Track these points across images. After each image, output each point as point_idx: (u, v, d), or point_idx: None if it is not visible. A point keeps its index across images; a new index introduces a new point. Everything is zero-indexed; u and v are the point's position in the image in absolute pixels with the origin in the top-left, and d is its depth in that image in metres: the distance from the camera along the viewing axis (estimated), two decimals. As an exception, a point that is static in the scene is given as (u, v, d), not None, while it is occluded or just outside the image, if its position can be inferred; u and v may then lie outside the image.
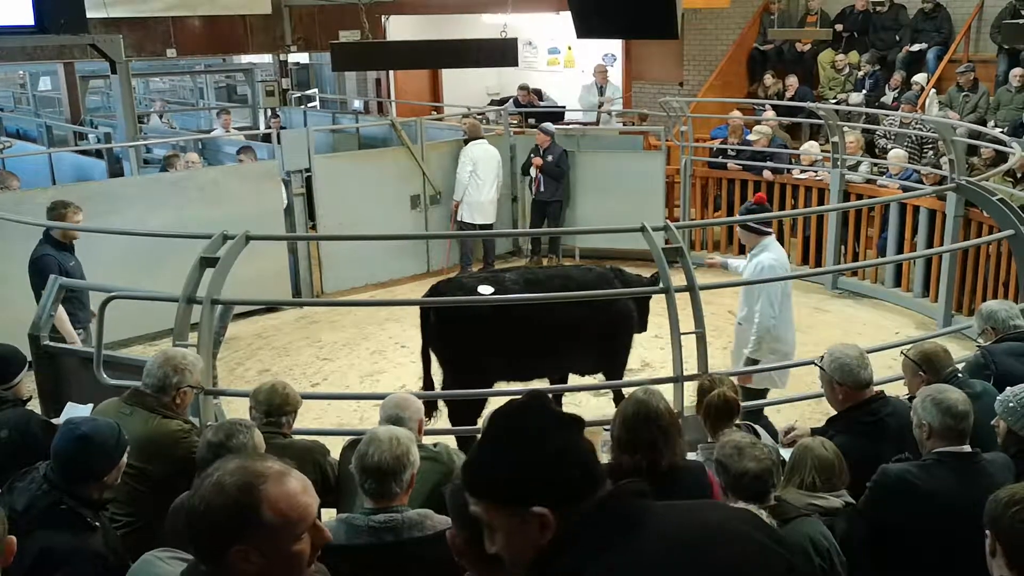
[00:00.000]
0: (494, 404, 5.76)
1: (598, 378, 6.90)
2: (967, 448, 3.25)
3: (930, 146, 10.29)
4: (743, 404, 4.03)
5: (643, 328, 6.82)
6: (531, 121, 12.88)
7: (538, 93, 14.69)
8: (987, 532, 2.48)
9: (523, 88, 14.20)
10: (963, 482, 3.13)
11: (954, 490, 3.12)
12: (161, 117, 15.66)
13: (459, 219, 10.33)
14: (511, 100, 14.09)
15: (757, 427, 3.99)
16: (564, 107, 14.43)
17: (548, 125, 10.87)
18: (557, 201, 10.71)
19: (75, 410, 4.31)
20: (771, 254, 5.88)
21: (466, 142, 10.33)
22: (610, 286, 6.27)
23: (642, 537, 1.67)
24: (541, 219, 10.77)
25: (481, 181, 10.24)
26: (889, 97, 11.89)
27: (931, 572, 3.14)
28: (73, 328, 6.10)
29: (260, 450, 3.36)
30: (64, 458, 3.04)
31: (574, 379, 7.54)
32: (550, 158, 10.51)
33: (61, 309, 5.88)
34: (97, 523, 3.04)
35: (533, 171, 10.53)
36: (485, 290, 5.95)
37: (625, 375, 7.31)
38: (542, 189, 10.56)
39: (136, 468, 3.43)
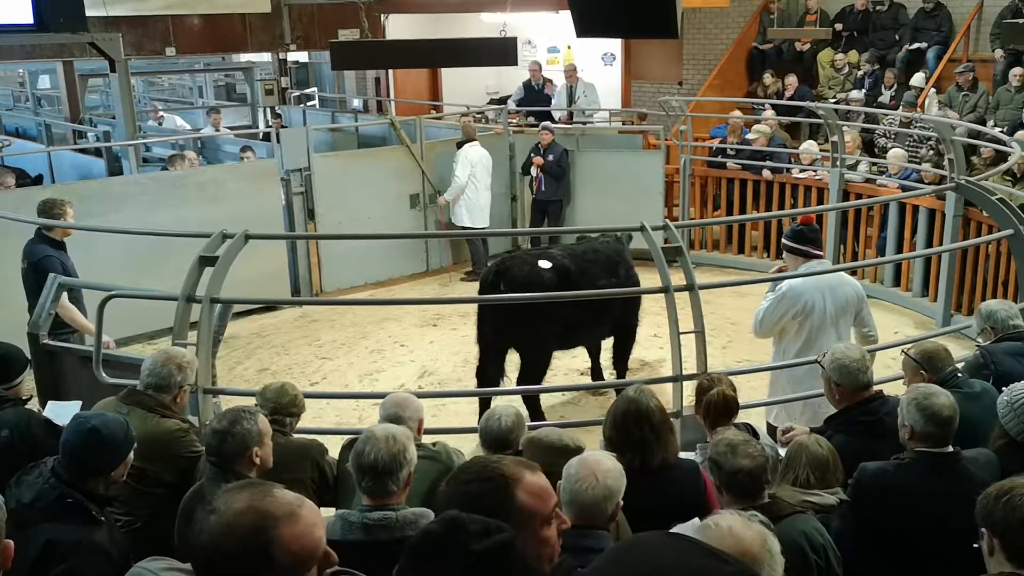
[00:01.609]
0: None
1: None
2: (949, 448, 3.26)
3: (929, 144, 10.27)
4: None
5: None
6: (531, 119, 12.84)
7: (547, 80, 14.50)
8: (982, 531, 2.48)
9: (535, 63, 14.04)
10: (941, 479, 3.15)
11: (932, 487, 3.14)
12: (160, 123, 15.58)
13: (455, 223, 10.20)
14: (520, 84, 13.92)
15: (755, 427, 3.99)
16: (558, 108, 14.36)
17: (550, 123, 10.87)
18: (557, 200, 10.71)
19: (59, 408, 4.30)
20: (798, 278, 5.18)
21: (460, 144, 10.21)
22: (620, 255, 6.95)
23: None
24: (542, 218, 10.77)
25: (479, 184, 10.18)
26: (886, 96, 11.89)
27: (915, 567, 3.15)
28: (71, 329, 6.08)
29: (266, 437, 3.37)
30: (73, 451, 3.05)
31: (573, 378, 7.59)
32: (551, 157, 10.50)
33: (71, 306, 5.91)
34: (103, 518, 3.05)
35: (534, 170, 10.53)
36: (544, 264, 6.44)
37: (624, 375, 7.35)
38: (543, 188, 10.56)
39: (135, 467, 3.43)
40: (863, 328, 5.32)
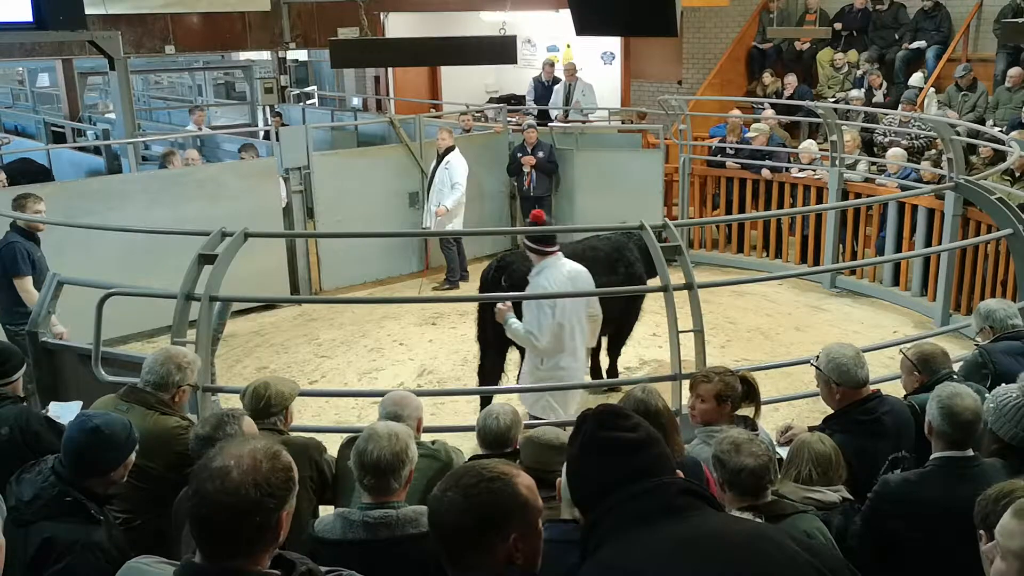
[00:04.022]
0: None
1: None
2: (968, 452, 3.24)
3: (923, 141, 10.28)
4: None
5: (653, 274, 6.92)
6: (529, 120, 12.82)
7: (556, 80, 14.48)
8: (980, 533, 2.48)
9: (548, 64, 13.98)
10: (960, 487, 3.12)
11: (952, 496, 3.11)
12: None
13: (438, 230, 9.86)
14: (531, 80, 13.83)
15: (758, 423, 3.98)
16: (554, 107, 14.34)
17: (532, 121, 10.91)
18: (549, 196, 10.77)
19: (60, 409, 4.30)
20: (545, 276, 5.47)
21: (444, 152, 9.73)
22: (627, 250, 6.88)
23: (654, 533, 1.81)
24: None
25: (464, 191, 9.91)
26: (879, 96, 11.90)
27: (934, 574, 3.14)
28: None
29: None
30: (75, 449, 3.05)
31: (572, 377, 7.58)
32: (540, 154, 10.56)
33: (35, 291, 6.08)
34: (101, 517, 3.06)
35: (527, 168, 10.55)
36: None
37: (623, 373, 7.36)
38: (535, 184, 10.60)
39: (135, 465, 3.43)
40: (589, 309, 5.64)
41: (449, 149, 9.77)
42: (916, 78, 11.60)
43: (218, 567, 1.93)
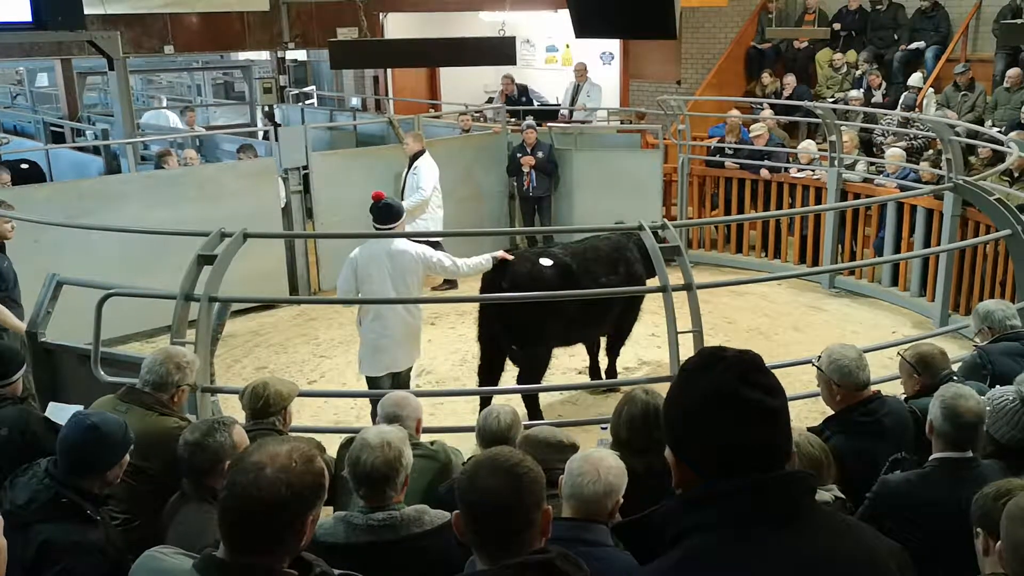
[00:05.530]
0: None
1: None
2: (968, 454, 3.24)
3: (921, 141, 10.29)
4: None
5: (653, 274, 6.93)
6: (528, 120, 12.85)
7: (523, 89, 14.53)
8: (978, 531, 2.48)
9: (507, 77, 14.05)
10: (960, 488, 3.12)
11: (952, 497, 3.11)
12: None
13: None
14: (498, 93, 13.92)
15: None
16: (559, 105, 14.41)
17: (532, 121, 10.95)
18: (548, 196, 10.79)
19: (59, 410, 4.30)
20: (363, 246, 6.15)
21: (415, 156, 9.46)
22: (627, 250, 6.89)
23: (775, 549, 1.60)
24: (532, 215, 10.83)
25: (441, 194, 9.71)
26: (878, 96, 11.91)
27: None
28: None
29: (240, 448, 3.25)
30: (71, 447, 3.05)
31: (572, 377, 7.59)
32: (540, 154, 10.58)
33: (1, 307, 6.05)
34: (98, 517, 3.05)
35: (526, 168, 10.57)
36: (546, 262, 6.51)
37: (622, 373, 7.36)
38: (534, 184, 10.62)
39: (133, 465, 3.42)
40: (441, 266, 6.13)
41: (419, 154, 9.46)
42: (915, 78, 11.60)
43: (239, 562, 1.94)
